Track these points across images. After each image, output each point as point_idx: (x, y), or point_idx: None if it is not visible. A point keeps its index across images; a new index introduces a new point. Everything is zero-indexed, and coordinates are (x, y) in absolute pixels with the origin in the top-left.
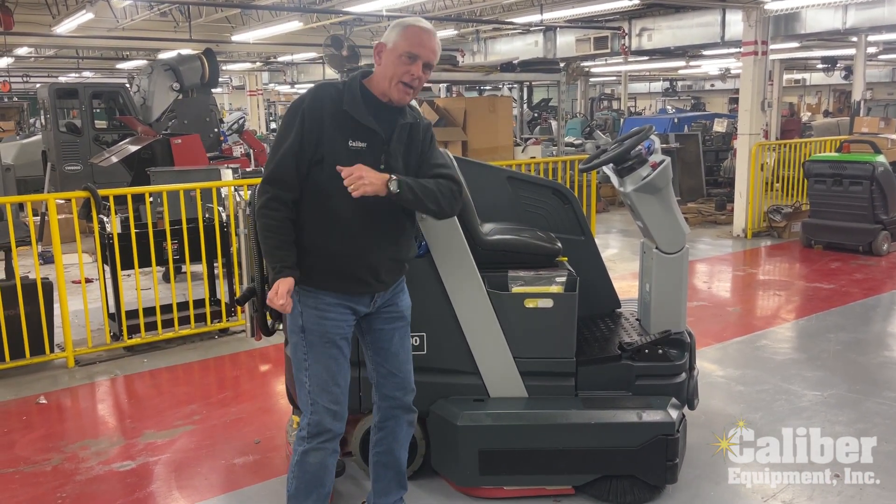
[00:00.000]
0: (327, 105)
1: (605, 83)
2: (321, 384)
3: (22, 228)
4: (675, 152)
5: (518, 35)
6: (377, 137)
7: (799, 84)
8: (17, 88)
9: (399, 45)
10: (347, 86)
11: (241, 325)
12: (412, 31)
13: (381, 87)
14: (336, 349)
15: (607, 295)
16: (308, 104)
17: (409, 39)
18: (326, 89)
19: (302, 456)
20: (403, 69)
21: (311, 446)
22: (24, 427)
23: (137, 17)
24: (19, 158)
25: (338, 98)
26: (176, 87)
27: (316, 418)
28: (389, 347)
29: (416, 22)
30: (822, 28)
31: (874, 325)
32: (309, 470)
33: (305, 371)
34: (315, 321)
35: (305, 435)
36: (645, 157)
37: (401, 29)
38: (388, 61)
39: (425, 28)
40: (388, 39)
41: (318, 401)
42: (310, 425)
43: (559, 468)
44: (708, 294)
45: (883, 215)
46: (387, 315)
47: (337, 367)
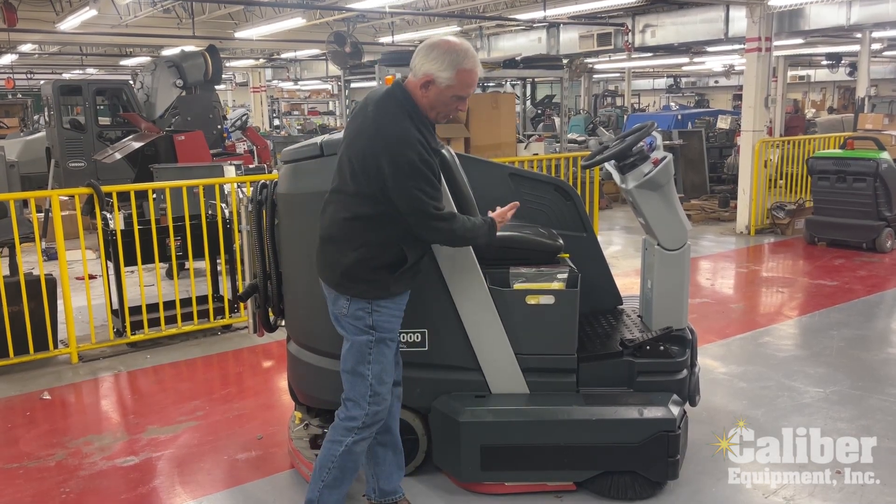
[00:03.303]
0: (422, 142)
1: (608, 80)
2: (382, 378)
3: (25, 225)
4: (679, 149)
5: (521, 31)
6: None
7: (803, 81)
8: (21, 85)
9: (453, 87)
10: (418, 120)
11: (244, 322)
12: (467, 74)
13: (429, 115)
14: (396, 345)
15: (609, 291)
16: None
17: (463, 83)
18: (411, 126)
19: (351, 447)
20: (453, 107)
21: (361, 436)
22: (27, 422)
23: (141, 13)
24: (23, 155)
25: (419, 132)
26: (179, 84)
27: (375, 408)
28: None
29: (467, 62)
30: (826, 24)
31: (877, 321)
32: (353, 458)
33: (368, 365)
34: (387, 320)
35: (360, 425)
36: (647, 154)
37: (455, 72)
38: (437, 98)
39: (475, 65)
40: (440, 76)
41: (380, 392)
42: (367, 416)
43: (561, 464)
44: (710, 291)
45: (887, 212)
46: None
47: (394, 361)
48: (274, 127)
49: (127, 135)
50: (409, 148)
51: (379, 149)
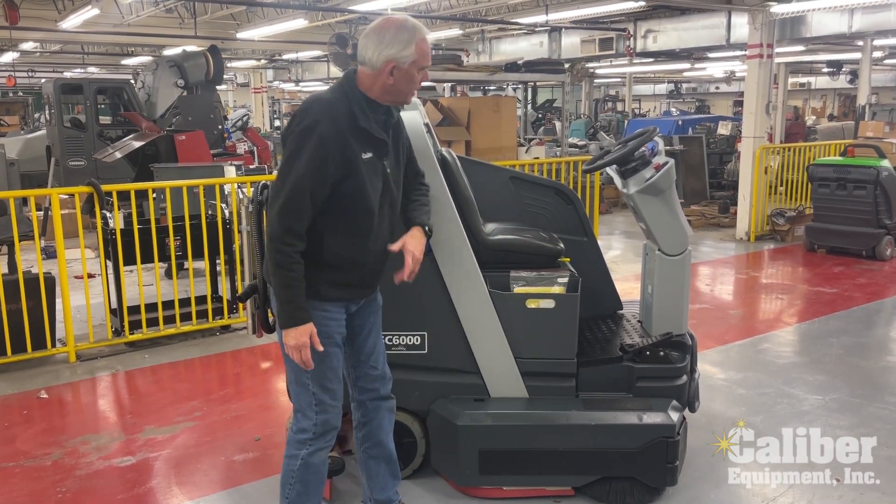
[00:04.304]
0: (344, 124)
1: (609, 84)
2: (324, 384)
3: (25, 223)
4: (679, 154)
5: (523, 35)
6: (383, 144)
7: (804, 87)
8: (22, 83)
9: (416, 61)
10: (352, 99)
11: (243, 322)
12: (423, 43)
13: (386, 99)
14: (337, 347)
15: (609, 296)
16: (326, 126)
17: (422, 53)
18: (337, 107)
19: (307, 459)
20: (418, 80)
21: (316, 447)
22: (24, 421)
23: (143, 13)
24: (23, 153)
25: (348, 113)
26: (180, 84)
27: (323, 417)
28: (367, 341)
29: (422, 33)
30: (828, 32)
31: (877, 329)
32: (313, 470)
33: (308, 373)
34: (321, 323)
35: (311, 437)
36: (649, 159)
37: (414, 45)
38: (404, 78)
39: (426, 35)
40: (402, 56)
41: (324, 400)
42: (316, 426)
43: (559, 469)
44: (710, 297)
45: (887, 220)
46: (370, 309)
47: (337, 364)
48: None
49: (127, 134)
50: (311, 118)
51: (294, 123)
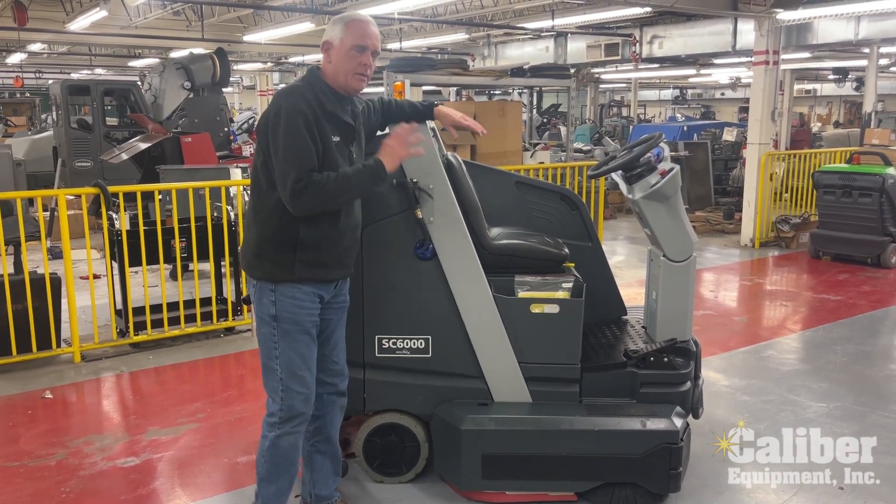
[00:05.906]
0: (316, 107)
1: (615, 90)
2: (293, 370)
3: (31, 223)
4: (684, 160)
5: (529, 40)
6: (350, 129)
7: (810, 94)
8: (30, 84)
9: (346, 40)
10: (318, 87)
11: (247, 325)
12: (355, 25)
13: (339, 82)
14: (308, 336)
15: (614, 302)
16: (307, 109)
17: (354, 34)
18: (304, 93)
19: (274, 441)
20: (356, 62)
21: (283, 431)
22: (29, 421)
23: (150, 15)
24: (30, 154)
25: (315, 99)
26: (187, 86)
27: (288, 403)
28: (333, 336)
29: (355, 16)
30: (834, 39)
31: (881, 337)
32: (281, 453)
33: (276, 359)
34: (290, 310)
35: (277, 421)
36: (654, 165)
37: (343, 25)
38: (339, 58)
39: (365, 19)
40: (333, 37)
41: (291, 386)
42: (282, 411)
43: (562, 474)
44: (714, 303)
45: (892, 227)
46: (337, 305)
47: (309, 354)
48: None
49: (134, 135)
50: (292, 105)
51: (270, 114)
